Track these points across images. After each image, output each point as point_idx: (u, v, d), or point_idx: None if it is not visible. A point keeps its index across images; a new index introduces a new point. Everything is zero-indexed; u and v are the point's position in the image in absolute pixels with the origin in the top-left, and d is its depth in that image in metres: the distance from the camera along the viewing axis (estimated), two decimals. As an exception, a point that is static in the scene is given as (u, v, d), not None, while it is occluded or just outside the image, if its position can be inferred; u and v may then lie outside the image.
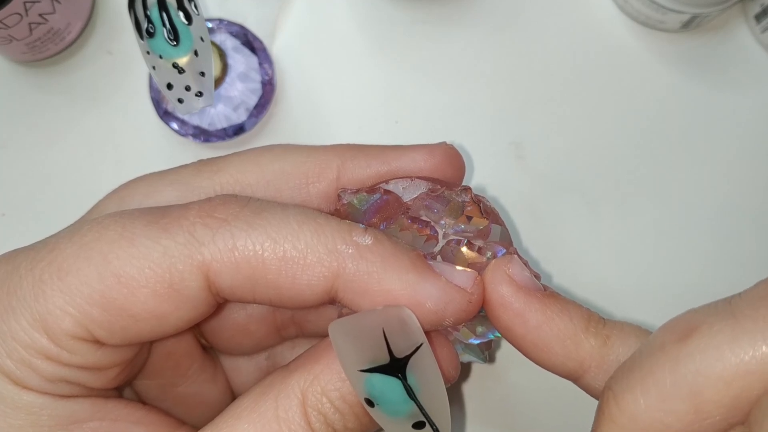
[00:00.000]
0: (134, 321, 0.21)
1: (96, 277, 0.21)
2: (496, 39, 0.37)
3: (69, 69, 0.37)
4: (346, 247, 0.21)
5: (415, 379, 0.20)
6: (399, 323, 0.20)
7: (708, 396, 0.18)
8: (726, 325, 0.18)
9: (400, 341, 0.20)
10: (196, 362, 0.28)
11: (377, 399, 0.20)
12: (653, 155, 0.36)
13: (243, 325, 0.28)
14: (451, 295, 0.21)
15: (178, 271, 0.21)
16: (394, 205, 0.25)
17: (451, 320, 0.22)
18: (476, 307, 0.22)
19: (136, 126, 0.36)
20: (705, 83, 0.36)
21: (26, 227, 0.36)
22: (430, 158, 0.26)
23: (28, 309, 0.21)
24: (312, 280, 0.21)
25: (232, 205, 0.22)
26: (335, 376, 0.21)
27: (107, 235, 0.21)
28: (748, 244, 0.35)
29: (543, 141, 0.36)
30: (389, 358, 0.20)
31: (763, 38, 0.36)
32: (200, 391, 0.28)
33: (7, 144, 0.36)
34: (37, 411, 0.21)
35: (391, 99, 0.36)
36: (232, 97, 0.34)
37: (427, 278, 0.21)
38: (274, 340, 0.29)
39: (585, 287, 0.35)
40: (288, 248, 0.21)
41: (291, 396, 0.21)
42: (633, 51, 0.37)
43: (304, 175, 0.26)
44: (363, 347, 0.20)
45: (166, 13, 0.27)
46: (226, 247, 0.21)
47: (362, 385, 0.20)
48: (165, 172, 0.26)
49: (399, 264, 0.21)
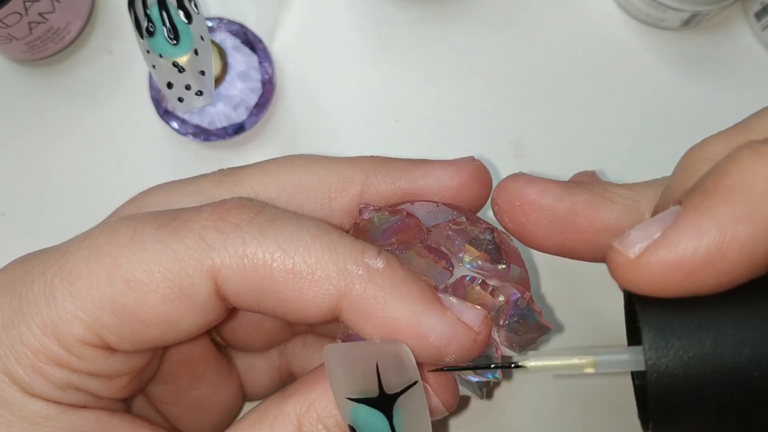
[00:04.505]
0: (144, 326, 0.21)
1: (106, 281, 0.21)
2: (495, 37, 0.37)
3: (69, 68, 0.37)
4: (357, 268, 0.21)
5: (401, 418, 0.20)
6: (395, 359, 0.20)
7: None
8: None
9: (392, 377, 0.20)
10: (212, 365, 0.28)
11: (360, 428, 0.20)
12: (653, 153, 0.36)
13: (258, 324, 0.28)
14: (456, 331, 0.21)
15: (188, 276, 0.21)
16: (414, 229, 0.24)
17: (452, 357, 0.21)
18: (481, 347, 0.21)
19: (136, 125, 0.36)
20: (705, 81, 0.36)
21: (26, 227, 0.36)
22: (456, 176, 0.25)
23: (39, 314, 0.21)
24: (318, 297, 0.21)
25: (246, 210, 0.22)
26: (331, 403, 0.21)
27: (117, 239, 0.21)
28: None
29: (543, 140, 0.36)
30: (378, 392, 0.20)
31: (763, 36, 0.36)
32: (214, 394, 0.28)
33: (7, 144, 0.36)
34: (41, 421, 0.21)
35: (390, 98, 0.36)
36: (232, 96, 0.34)
37: (434, 311, 0.21)
38: (286, 335, 0.29)
39: (585, 286, 0.35)
40: (298, 261, 0.21)
41: (287, 422, 0.21)
42: (633, 49, 0.37)
43: (327, 189, 0.25)
44: (354, 377, 0.20)
45: (166, 12, 0.27)
46: (236, 254, 0.21)
47: (348, 412, 0.20)
48: (185, 181, 0.26)
49: (407, 292, 0.21)
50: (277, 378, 0.30)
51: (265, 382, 0.30)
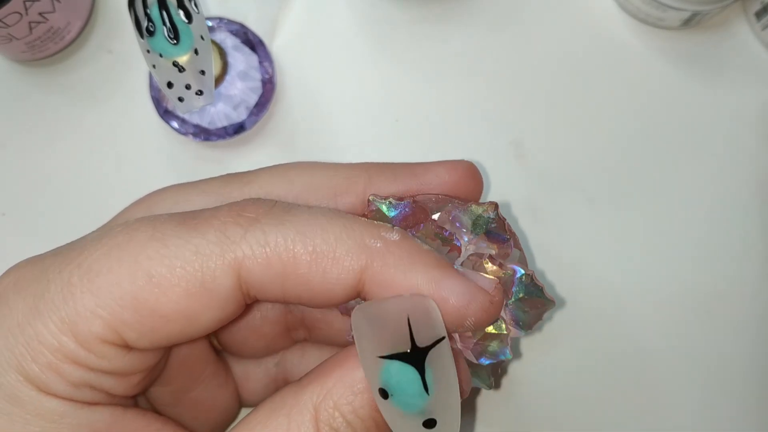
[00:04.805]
0: (165, 322, 0.21)
1: (127, 277, 0.21)
2: (495, 37, 0.37)
3: (69, 68, 0.37)
4: (375, 242, 0.22)
5: (432, 373, 0.20)
6: (424, 313, 0.21)
7: None
8: None
9: (422, 331, 0.20)
10: (210, 367, 0.28)
11: (392, 389, 0.20)
12: (653, 153, 0.36)
13: (257, 327, 0.28)
14: (473, 293, 0.22)
15: (210, 269, 0.21)
16: (420, 216, 0.25)
17: (472, 320, 0.22)
18: (497, 309, 0.22)
19: (136, 125, 0.36)
20: (705, 81, 0.36)
21: (26, 227, 0.36)
22: (453, 172, 0.27)
23: (57, 312, 0.21)
24: (342, 274, 0.21)
25: (261, 204, 0.22)
26: (347, 390, 0.21)
27: (138, 237, 0.21)
28: (749, 242, 0.35)
29: (543, 139, 0.36)
30: (411, 346, 0.20)
31: (763, 35, 0.36)
32: (211, 396, 0.29)
33: (7, 144, 0.36)
34: (57, 419, 0.21)
35: (391, 97, 0.36)
36: (232, 95, 0.34)
37: (451, 276, 0.22)
38: (284, 343, 0.30)
39: (585, 286, 0.35)
40: (318, 242, 0.21)
41: (304, 411, 0.21)
42: (633, 49, 0.37)
43: (333, 188, 0.26)
44: (386, 332, 0.20)
45: (166, 12, 0.27)
46: (258, 244, 0.21)
47: (379, 373, 0.20)
48: (193, 182, 0.26)
49: (425, 261, 0.22)
50: (272, 387, 0.30)
51: (260, 389, 0.30)
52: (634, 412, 0.34)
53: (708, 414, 0.34)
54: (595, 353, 0.34)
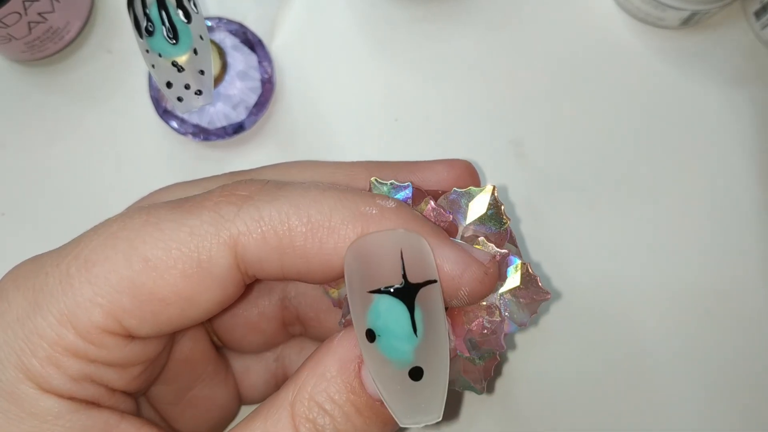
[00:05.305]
0: (164, 305, 0.21)
1: (124, 263, 0.21)
2: (494, 37, 0.37)
3: (68, 68, 0.37)
4: (370, 209, 0.21)
5: (421, 315, 0.20)
6: (418, 249, 0.20)
7: None
8: None
9: (415, 267, 0.20)
10: (210, 365, 0.28)
11: (380, 329, 0.20)
12: (653, 152, 0.36)
13: (255, 323, 0.29)
14: (468, 263, 0.21)
15: (206, 249, 0.21)
16: (420, 200, 0.25)
17: (466, 290, 0.21)
18: (492, 281, 0.22)
19: (135, 125, 0.36)
20: (705, 80, 0.36)
21: (26, 227, 0.36)
22: (451, 170, 0.27)
23: (56, 304, 0.21)
24: (339, 244, 0.21)
25: (253, 183, 0.22)
26: (319, 379, 0.21)
27: (132, 224, 0.21)
28: (749, 241, 0.35)
29: (543, 139, 0.36)
30: (402, 281, 0.20)
31: (762, 35, 0.36)
32: (212, 394, 0.29)
33: (7, 144, 0.36)
34: (51, 419, 0.21)
35: (390, 97, 0.36)
36: (231, 95, 0.34)
37: (447, 243, 0.21)
38: (282, 338, 0.30)
39: (585, 285, 0.35)
40: (313, 213, 0.21)
41: (280, 409, 0.21)
42: (632, 48, 0.37)
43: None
44: (379, 264, 0.20)
45: (165, 12, 0.27)
46: (252, 219, 0.21)
47: (366, 313, 0.20)
48: (195, 180, 0.27)
49: (420, 228, 0.21)
50: (272, 382, 0.31)
51: (261, 385, 0.30)
52: (630, 408, 0.34)
53: (706, 411, 0.34)
54: (592, 351, 0.34)
